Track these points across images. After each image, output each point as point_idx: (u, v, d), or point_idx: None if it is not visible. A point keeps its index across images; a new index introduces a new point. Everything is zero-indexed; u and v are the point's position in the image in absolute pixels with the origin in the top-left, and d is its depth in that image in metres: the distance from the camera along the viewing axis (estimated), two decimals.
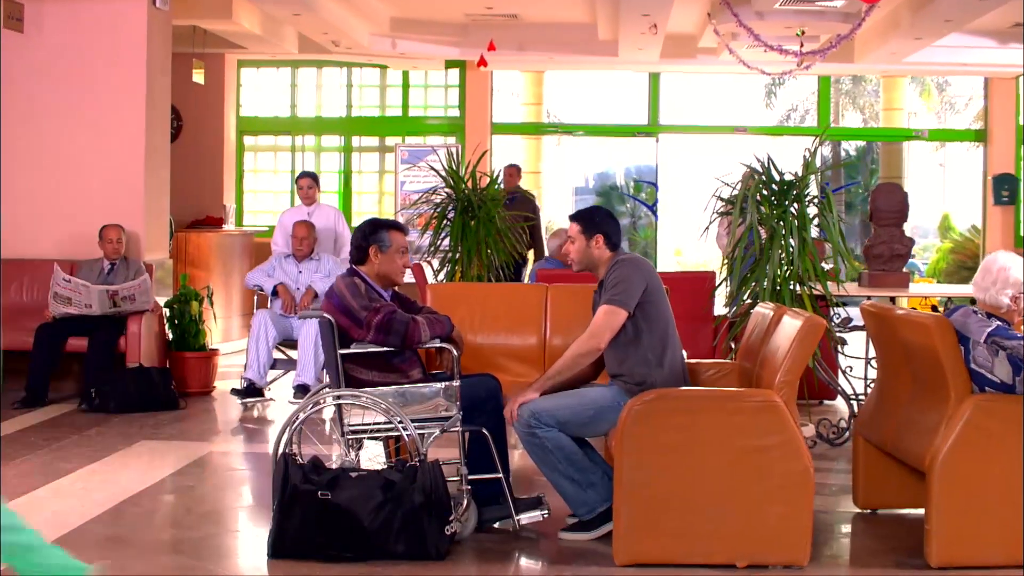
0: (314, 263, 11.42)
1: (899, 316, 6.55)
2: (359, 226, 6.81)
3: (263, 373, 10.86)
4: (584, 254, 6.74)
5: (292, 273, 11.36)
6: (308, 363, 10.64)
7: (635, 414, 5.96)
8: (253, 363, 10.83)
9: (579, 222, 6.75)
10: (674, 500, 5.98)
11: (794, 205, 8.20)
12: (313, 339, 10.44)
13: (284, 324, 11.04)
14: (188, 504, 7.36)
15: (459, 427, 6.43)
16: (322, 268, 11.38)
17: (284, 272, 11.37)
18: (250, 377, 10.82)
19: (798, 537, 5.97)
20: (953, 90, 29.64)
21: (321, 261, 11.45)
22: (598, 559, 6.14)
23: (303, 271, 11.37)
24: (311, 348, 10.54)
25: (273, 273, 11.38)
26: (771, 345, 6.44)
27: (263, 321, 10.87)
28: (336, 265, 11.28)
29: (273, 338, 10.87)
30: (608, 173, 25.75)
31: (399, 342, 6.41)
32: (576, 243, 6.75)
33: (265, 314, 10.97)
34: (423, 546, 6.01)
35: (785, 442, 5.92)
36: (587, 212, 6.83)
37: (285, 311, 11.08)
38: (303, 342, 10.71)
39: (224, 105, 17.68)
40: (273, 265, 11.47)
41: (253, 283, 11.46)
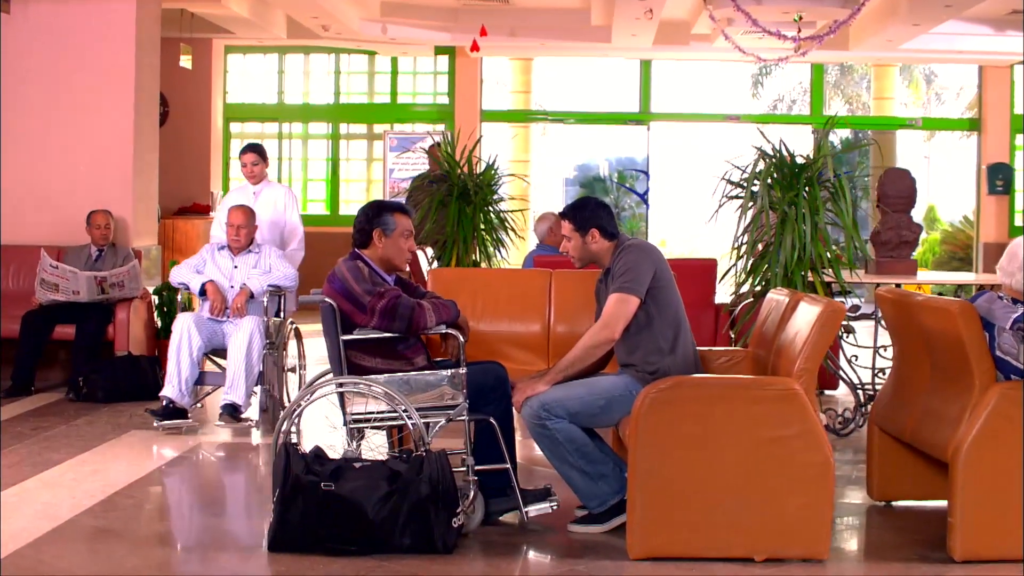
0: (253, 256, 9.47)
1: (920, 302, 6.35)
2: (363, 208, 6.59)
3: (186, 390, 8.92)
4: (583, 251, 6.53)
5: (226, 268, 9.41)
6: (238, 378, 8.89)
7: (650, 402, 5.76)
8: (173, 378, 8.91)
9: (570, 220, 6.56)
10: (690, 491, 5.78)
11: (805, 189, 7.98)
12: (245, 348, 8.87)
13: (213, 331, 9.18)
14: (182, 495, 7.18)
15: (465, 416, 6.21)
16: (262, 263, 9.45)
17: (217, 267, 9.43)
18: (169, 396, 8.91)
19: (818, 530, 5.78)
20: (940, 81, 29.51)
21: (262, 254, 9.50)
22: (611, 552, 5.94)
23: (240, 266, 9.41)
24: (242, 360, 8.86)
25: (203, 268, 9.44)
26: (787, 332, 6.24)
27: (186, 327, 8.98)
28: (280, 260, 9.50)
29: (199, 348, 8.98)
30: (590, 165, 25.57)
31: (404, 328, 6.20)
32: (572, 241, 6.55)
33: (189, 318, 9.09)
34: (430, 539, 5.80)
35: (805, 432, 5.72)
36: (577, 207, 6.60)
37: (214, 314, 9.18)
38: (233, 352, 8.93)
39: (211, 91, 17.50)
40: (204, 258, 9.52)
41: (178, 280, 9.48)
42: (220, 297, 9.21)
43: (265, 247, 9.58)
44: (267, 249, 9.55)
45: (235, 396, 8.87)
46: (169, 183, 15.08)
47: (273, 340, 9.13)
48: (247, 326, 8.91)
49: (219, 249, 9.50)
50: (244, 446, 8.62)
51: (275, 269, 9.38)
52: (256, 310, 9.24)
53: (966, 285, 10.56)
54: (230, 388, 8.90)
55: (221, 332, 9.18)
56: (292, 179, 19.37)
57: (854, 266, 8.34)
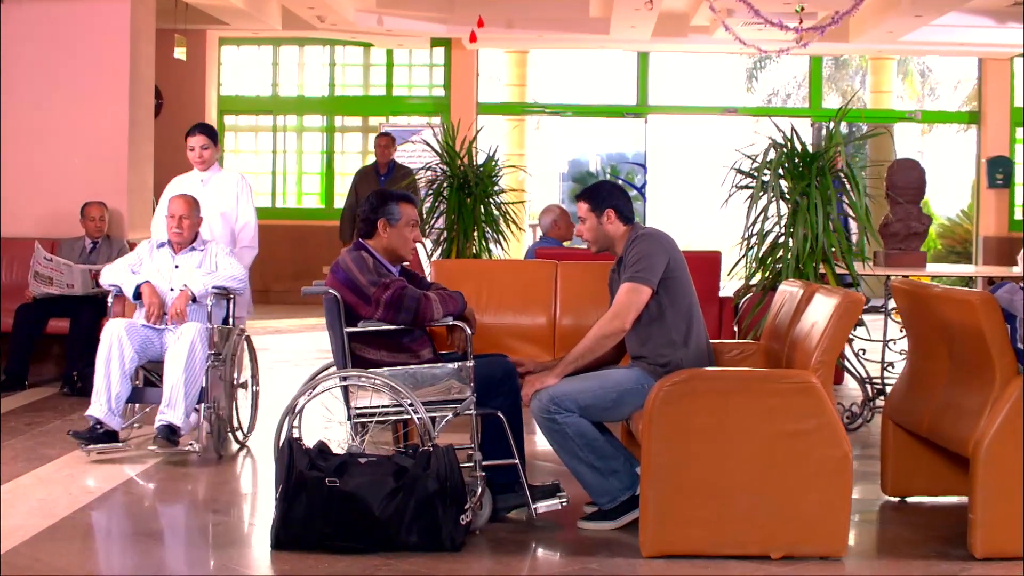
0: (197, 254, 8.20)
1: (938, 293, 6.20)
2: (367, 197, 6.45)
3: (116, 409, 7.69)
4: (598, 233, 6.39)
5: (165, 268, 8.14)
6: (176, 394, 7.62)
7: (664, 396, 5.61)
8: (101, 395, 7.67)
9: (586, 200, 6.41)
10: (705, 487, 5.63)
11: (817, 179, 7.82)
12: (184, 360, 7.62)
13: (149, 339, 7.92)
14: (181, 492, 7.01)
15: (473, 410, 6.06)
16: (208, 262, 8.18)
17: (154, 266, 8.17)
18: (97, 415, 7.66)
19: (836, 527, 5.64)
20: (935, 76, 29.42)
21: (208, 252, 8.23)
22: (623, 550, 5.79)
23: (181, 265, 8.14)
24: (181, 373, 7.61)
25: (139, 268, 8.17)
26: (803, 324, 6.10)
27: (117, 336, 7.72)
28: (228, 258, 8.25)
29: (131, 360, 7.74)
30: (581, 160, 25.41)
31: (410, 319, 6.05)
32: (587, 222, 6.40)
33: (121, 326, 7.80)
34: (437, 537, 5.65)
35: (823, 426, 5.58)
36: (593, 188, 6.48)
37: (150, 321, 7.91)
38: (171, 365, 7.67)
39: (205, 83, 17.36)
40: (140, 257, 8.25)
41: (109, 282, 8.20)
42: (157, 301, 7.94)
43: (212, 244, 8.33)
44: (214, 246, 8.30)
45: (172, 416, 7.59)
46: (163, 176, 14.85)
47: (219, 351, 7.88)
48: (188, 334, 7.67)
49: (158, 246, 8.26)
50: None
51: (222, 268, 8.13)
52: (199, 316, 7.97)
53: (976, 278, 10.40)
54: (167, 406, 7.63)
55: (159, 341, 7.91)
56: (287, 172, 19.23)
57: (867, 258, 8.20)
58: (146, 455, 7.72)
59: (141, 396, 8.03)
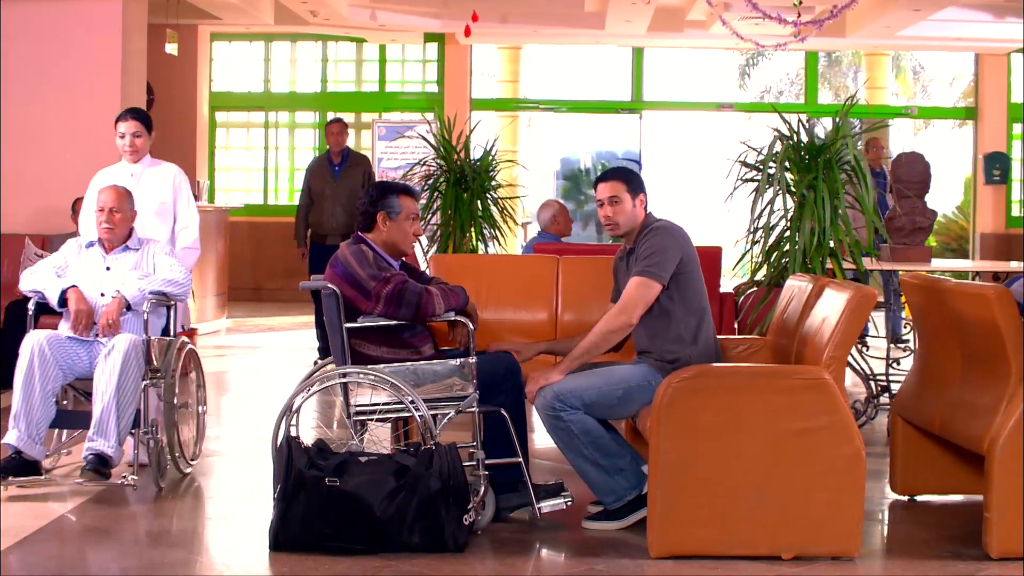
0: (132, 255, 7.12)
1: (951, 288, 6.07)
2: (367, 190, 6.30)
3: (37, 436, 6.61)
4: (630, 215, 6.20)
5: (95, 270, 7.05)
6: (107, 418, 6.54)
7: (673, 392, 5.48)
8: (20, 419, 6.60)
9: (623, 180, 6.21)
10: (714, 486, 5.50)
11: (824, 172, 7.67)
12: (116, 378, 6.54)
13: (76, 354, 6.81)
14: (176, 492, 6.84)
15: (475, 407, 5.92)
16: (144, 263, 7.11)
17: (82, 268, 7.06)
18: (13, 443, 6.59)
19: (848, 526, 5.51)
20: (928, 73, 29.34)
21: (144, 252, 7.15)
22: (630, 550, 5.66)
23: (114, 267, 7.06)
24: (112, 394, 6.52)
25: (65, 272, 7.09)
26: (813, 319, 5.97)
27: (37, 350, 6.65)
28: (168, 260, 7.18)
29: (55, 378, 6.68)
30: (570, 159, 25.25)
31: (411, 314, 5.90)
32: (620, 203, 6.18)
33: (42, 338, 6.73)
34: (440, 537, 5.52)
35: (835, 423, 5.45)
36: (627, 170, 6.34)
37: (77, 332, 6.81)
38: (101, 384, 6.57)
39: (197, 79, 17.20)
40: (65, 258, 7.18)
41: (30, 288, 7.08)
42: (86, 308, 6.83)
43: (150, 244, 7.25)
44: (151, 246, 7.23)
45: (103, 444, 6.54)
46: None
47: (157, 366, 6.86)
48: (120, 347, 6.59)
49: (87, 246, 7.19)
50: (237, 439, 8.31)
51: (161, 271, 7.06)
52: (134, 326, 6.93)
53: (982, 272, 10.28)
54: (97, 433, 6.57)
55: (87, 356, 6.83)
56: (279, 169, 19.09)
57: (875, 252, 8.06)
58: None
59: (67, 420, 6.91)
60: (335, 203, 11.88)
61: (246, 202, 18.32)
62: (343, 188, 11.95)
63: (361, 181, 11.92)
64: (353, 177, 12.03)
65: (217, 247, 14.62)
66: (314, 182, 12.14)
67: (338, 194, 11.91)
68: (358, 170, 12.18)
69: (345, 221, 11.71)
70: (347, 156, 12.27)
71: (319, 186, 12.08)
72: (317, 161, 12.55)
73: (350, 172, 12.12)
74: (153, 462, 6.78)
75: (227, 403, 9.99)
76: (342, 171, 12.08)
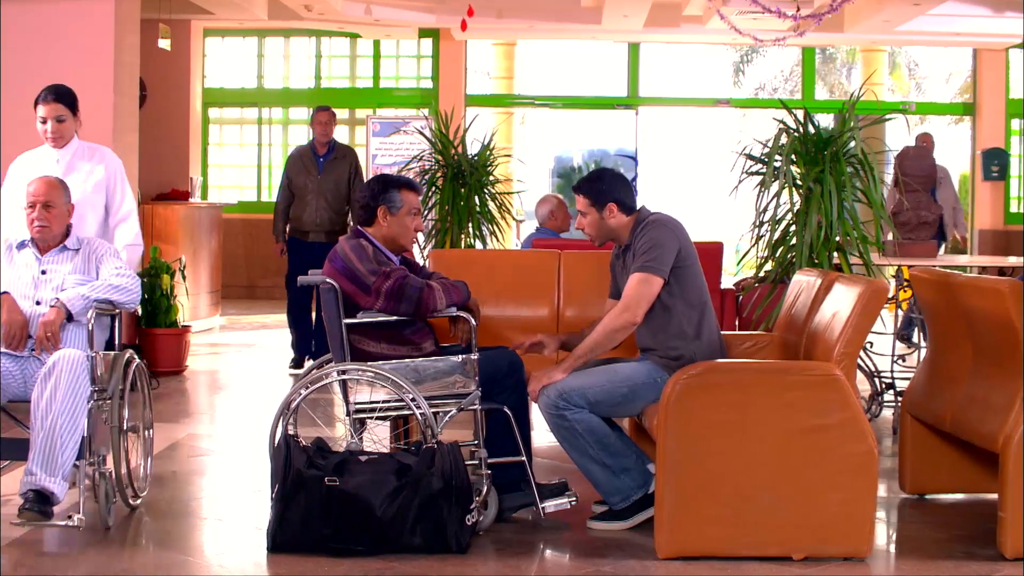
0: (70, 256, 6.18)
1: (964, 282, 5.94)
2: (367, 183, 6.16)
3: None
4: (600, 228, 6.10)
5: (27, 275, 6.09)
6: (48, 448, 5.53)
7: (680, 389, 5.35)
8: None
9: (585, 194, 6.11)
10: (723, 485, 5.38)
11: (831, 165, 7.53)
12: (58, 401, 5.55)
13: (9, 373, 5.86)
14: (170, 493, 6.70)
15: (478, 405, 5.79)
16: (85, 266, 6.16)
17: (14, 273, 6.09)
18: None
19: (860, 526, 5.39)
20: (921, 70, 29.27)
21: (85, 252, 6.20)
22: (637, 551, 5.53)
23: (50, 271, 6.12)
24: (53, 419, 5.54)
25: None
26: (822, 314, 5.85)
27: None
28: (112, 260, 6.24)
29: None
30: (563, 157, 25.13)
31: (412, 310, 5.76)
32: (588, 217, 6.11)
33: None
34: (442, 538, 5.39)
35: (847, 421, 5.33)
36: (592, 180, 6.17)
37: (11, 347, 5.88)
38: (40, 408, 5.57)
39: (190, 75, 17.01)
40: None
41: None
42: (19, 319, 5.88)
43: (91, 241, 6.31)
44: (93, 244, 6.28)
45: (43, 477, 5.52)
46: (147, 169, 14.59)
47: (104, 386, 5.90)
48: (62, 365, 5.60)
49: (17, 247, 6.18)
50: (230, 439, 8.16)
51: (106, 275, 6.11)
52: (77, 339, 5.99)
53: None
54: (36, 465, 5.53)
55: (21, 375, 5.90)
56: (272, 166, 18.92)
57: (881, 246, 7.93)
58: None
59: None
60: (318, 198, 11.10)
61: (239, 199, 18.20)
62: (327, 182, 11.15)
63: (347, 175, 11.20)
64: (339, 171, 11.22)
65: (210, 244, 14.49)
66: (296, 174, 11.28)
67: (322, 188, 11.12)
68: (344, 163, 11.32)
69: (329, 217, 11.12)
70: (333, 148, 11.36)
71: (301, 179, 11.24)
72: (300, 151, 11.55)
73: (336, 165, 11.26)
74: (101, 497, 5.77)
75: (220, 401, 9.86)
76: (327, 163, 11.22)
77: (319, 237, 10.95)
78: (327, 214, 11.09)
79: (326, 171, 11.19)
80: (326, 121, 11.39)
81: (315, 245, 10.77)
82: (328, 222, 11.08)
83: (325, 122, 11.37)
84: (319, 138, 11.33)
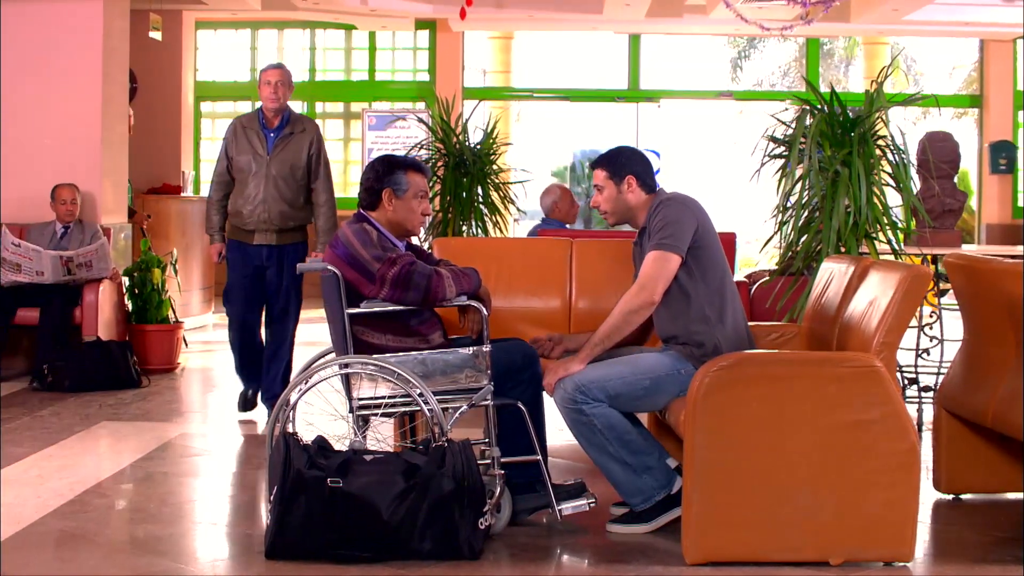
0: None
1: (1004, 268, 5.58)
2: (371, 164, 5.79)
3: None
4: (617, 203, 5.77)
5: None
6: None
7: (709, 383, 4.99)
8: None
9: (603, 166, 5.81)
10: (756, 485, 5.02)
11: (860, 147, 7.15)
12: None
13: None
14: (161, 494, 6.36)
15: (490, 400, 5.43)
16: None
17: None
18: None
19: (902, 528, 5.04)
20: (920, 66, 29.03)
21: None
22: (662, 556, 5.18)
23: None
24: None
25: None
26: (857, 303, 5.49)
27: None
28: None
29: None
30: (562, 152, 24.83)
31: (419, 299, 5.40)
32: (605, 191, 5.79)
33: None
34: (454, 543, 5.03)
35: (888, 416, 4.97)
36: (611, 154, 5.86)
37: None
38: None
39: (182, 68, 16.69)
40: None
41: None
42: None
43: None
44: None
45: None
46: (139, 162, 14.31)
47: None
48: None
49: None
50: (223, 438, 7.84)
51: None
52: None
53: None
54: None
55: None
56: None
57: (914, 233, 7.57)
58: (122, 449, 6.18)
59: None
60: (268, 185, 8.27)
61: None
62: (280, 164, 8.29)
63: (306, 156, 8.34)
64: (294, 150, 8.33)
65: (203, 240, 14.13)
66: (237, 153, 8.37)
67: (272, 173, 8.27)
68: (302, 140, 8.40)
69: (281, 212, 8.31)
70: (288, 120, 8.47)
71: (244, 159, 8.33)
72: (242, 123, 8.46)
73: (291, 142, 8.36)
74: None
75: (213, 400, 9.53)
76: (279, 140, 8.33)
77: (267, 239, 8.38)
78: (278, 207, 8.31)
79: (278, 150, 8.31)
80: (277, 81, 8.44)
81: (263, 250, 8.39)
82: (279, 218, 8.33)
83: (276, 82, 8.42)
84: (268, 104, 8.39)
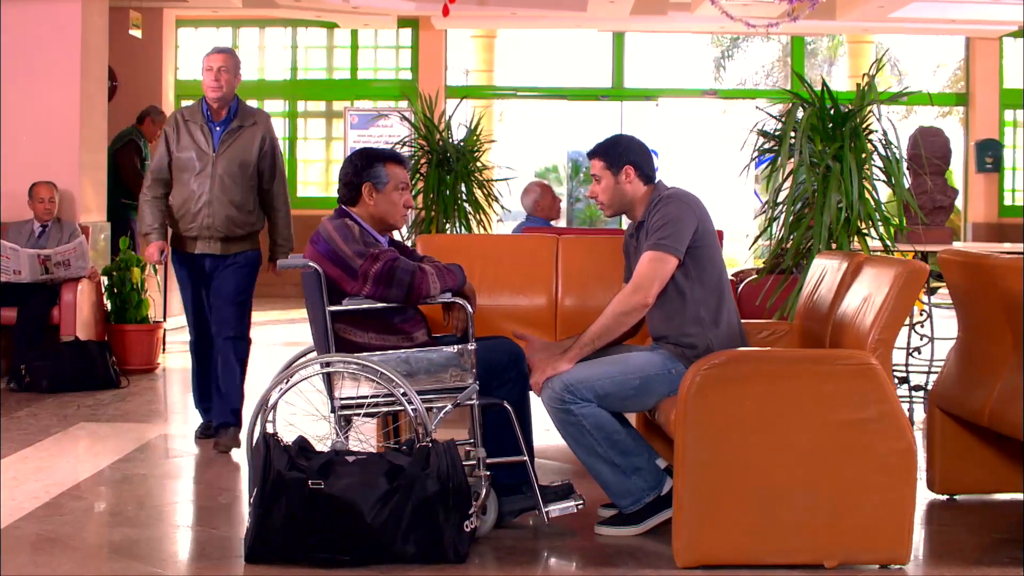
0: None
1: (1001, 263, 5.47)
2: (349, 158, 5.65)
3: None
4: (614, 193, 5.63)
5: None
6: None
7: (701, 381, 4.86)
8: None
9: (600, 156, 5.67)
10: (748, 487, 4.90)
11: (851, 142, 7.04)
12: None
13: None
14: (138, 497, 6.23)
15: (475, 400, 5.30)
16: None
17: None
18: None
19: (898, 530, 4.92)
20: (904, 65, 29.05)
21: None
22: (652, 559, 5.06)
23: None
24: None
25: None
26: (851, 300, 5.39)
27: None
28: None
29: None
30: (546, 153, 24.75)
31: (402, 296, 5.27)
32: (603, 181, 5.65)
33: None
34: (439, 546, 4.91)
35: (884, 415, 4.85)
36: (610, 143, 5.71)
37: None
38: None
39: (162, 66, 16.52)
40: None
41: None
42: None
43: None
44: None
45: None
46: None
47: None
48: None
49: None
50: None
51: None
52: None
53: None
54: None
55: None
56: None
57: (905, 228, 7.46)
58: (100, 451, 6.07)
59: None
60: (213, 185, 7.28)
61: None
62: (228, 162, 7.31)
63: (257, 153, 7.36)
64: (244, 145, 7.34)
65: None
66: (179, 148, 7.36)
67: (218, 171, 7.28)
68: (253, 134, 7.39)
69: (227, 217, 7.30)
70: (236, 112, 7.42)
71: (186, 155, 7.33)
72: (184, 115, 7.43)
73: (240, 138, 7.37)
74: None
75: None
76: (226, 135, 7.34)
77: (210, 247, 7.37)
78: (224, 211, 7.31)
79: (225, 145, 7.33)
80: (219, 67, 7.34)
81: (205, 260, 7.44)
82: (225, 223, 7.32)
83: (218, 68, 7.33)
84: (210, 94, 7.30)
